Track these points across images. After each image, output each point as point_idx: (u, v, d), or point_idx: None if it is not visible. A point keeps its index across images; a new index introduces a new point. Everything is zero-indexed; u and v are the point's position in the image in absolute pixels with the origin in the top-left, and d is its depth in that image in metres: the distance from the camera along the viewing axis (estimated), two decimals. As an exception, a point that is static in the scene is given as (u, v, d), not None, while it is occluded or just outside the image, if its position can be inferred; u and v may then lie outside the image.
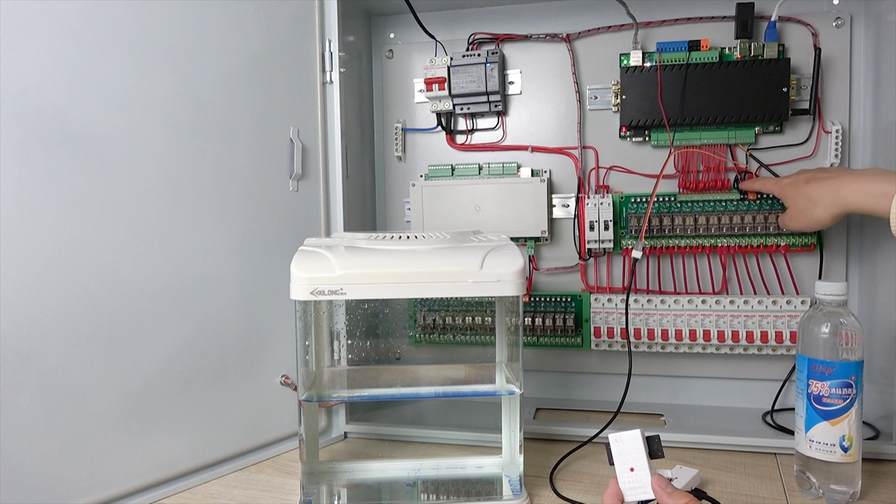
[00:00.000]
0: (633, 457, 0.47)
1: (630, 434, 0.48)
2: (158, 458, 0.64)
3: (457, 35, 0.90)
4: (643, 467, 0.47)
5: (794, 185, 0.73)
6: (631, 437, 0.48)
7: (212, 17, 0.67)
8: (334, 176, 0.80)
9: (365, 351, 0.77)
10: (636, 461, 0.47)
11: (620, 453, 0.48)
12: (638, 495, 0.46)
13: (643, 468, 0.47)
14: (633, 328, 0.83)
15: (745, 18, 0.79)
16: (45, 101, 0.55)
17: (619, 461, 0.48)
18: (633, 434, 0.48)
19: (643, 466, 0.47)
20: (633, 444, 0.47)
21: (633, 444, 0.47)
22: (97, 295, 0.59)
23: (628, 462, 0.47)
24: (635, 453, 0.47)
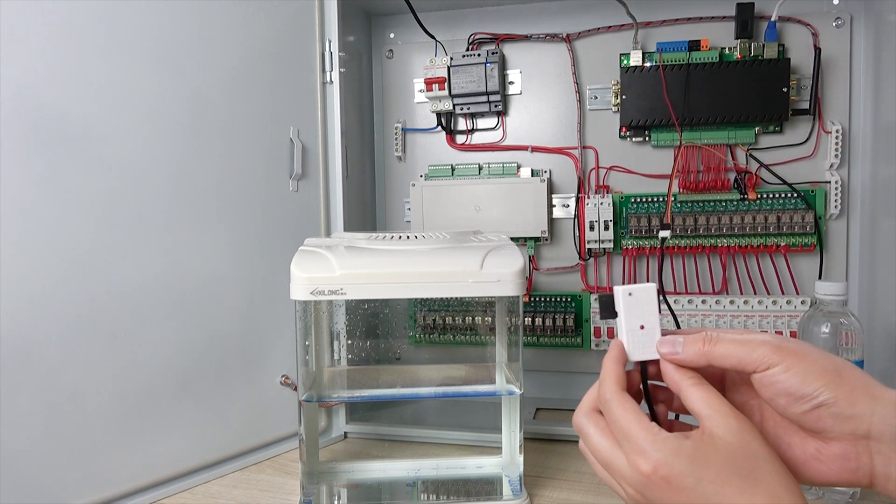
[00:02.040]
0: (646, 313, 0.43)
1: (643, 287, 0.43)
2: (158, 458, 0.64)
3: (457, 35, 0.90)
4: (654, 325, 0.42)
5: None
6: (644, 290, 0.43)
7: (212, 17, 0.67)
8: (334, 176, 0.80)
9: (365, 351, 0.77)
10: (648, 318, 0.42)
11: (630, 308, 0.43)
12: (646, 355, 0.42)
13: (654, 326, 0.42)
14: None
15: (745, 18, 0.80)
16: (45, 101, 0.55)
17: (627, 317, 0.43)
18: (647, 287, 0.43)
19: (654, 324, 0.43)
20: (646, 298, 0.43)
21: (647, 298, 0.43)
22: (97, 295, 0.59)
23: (639, 318, 0.43)
24: (648, 308, 0.43)
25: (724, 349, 0.40)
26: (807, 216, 0.79)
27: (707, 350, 0.40)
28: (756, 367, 0.38)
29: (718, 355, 0.40)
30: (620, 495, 0.41)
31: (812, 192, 0.80)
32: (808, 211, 0.80)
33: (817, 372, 0.37)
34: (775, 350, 0.38)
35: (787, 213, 0.80)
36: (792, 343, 0.39)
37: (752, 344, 0.39)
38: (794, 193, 0.80)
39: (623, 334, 0.43)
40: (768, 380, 0.38)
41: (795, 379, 0.37)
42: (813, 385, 0.37)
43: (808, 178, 0.81)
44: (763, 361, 0.38)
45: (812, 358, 0.37)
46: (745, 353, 0.39)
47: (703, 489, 0.36)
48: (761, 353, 0.38)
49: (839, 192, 0.80)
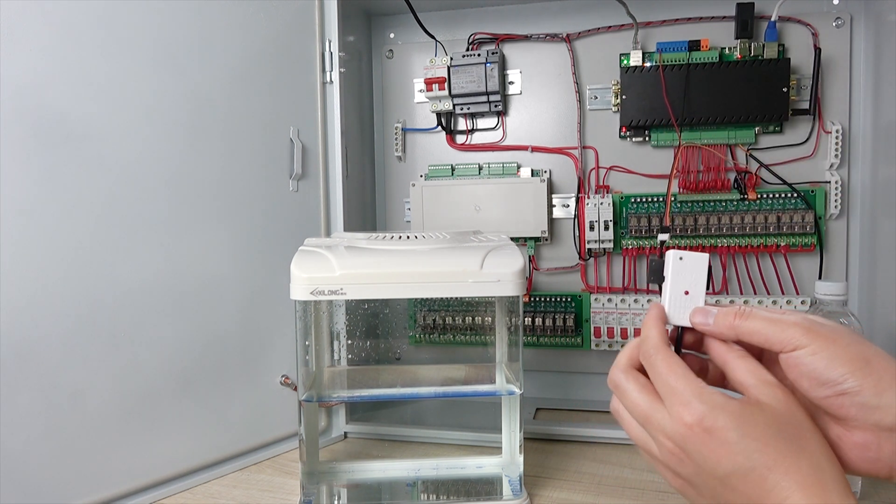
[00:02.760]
0: (693, 280, 0.43)
1: (696, 255, 0.44)
2: (158, 458, 0.64)
3: (457, 35, 0.90)
4: (699, 293, 0.43)
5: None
6: (697, 258, 0.44)
7: (212, 17, 0.67)
8: (334, 176, 0.80)
9: (365, 351, 0.77)
10: (694, 285, 0.43)
11: (678, 273, 0.44)
12: (685, 320, 0.43)
13: (699, 294, 0.43)
14: (632, 328, 0.83)
15: (745, 18, 0.80)
16: (45, 101, 0.55)
17: (675, 280, 0.44)
18: (700, 256, 0.44)
19: (699, 292, 0.43)
20: (697, 266, 0.43)
21: (698, 266, 0.43)
22: (97, 295, 0.59)
23: (685, 284, 0.43)
24: (696, 277, 0.43)
25: (753, 325, 0.39)
26: (807, 216, 0.79)
27: (737, 324, 0.40)
28: (783, 347, 0.38)
29: (747, 330, 0.40)
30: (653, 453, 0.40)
31: (812, 192, 0.80)
32: (808, 211, 0.80)
33: (845, 358, 0.36)
34: (805, 332, 0.37)
35: (787, 213, 0.80)
36: (825, 326, 0.38)
37: (782, 323, 0.38)
38: (794, 193, 0.80)
39: (667, 296, 0.44)
40: (793, 361, 0.38)
41: (821, 363, 0.36)
42: (839, 371, 0.36)
43: (808, 178, 0.81)
44: (790, 342, 0.38)
45: (843, 343, 0.37)
46: (774, 332, 0.38)
47: (745, 445, 0.35)
48: (791, 334, 0.38)
49: (839, 192, 0.80)
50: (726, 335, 0.41)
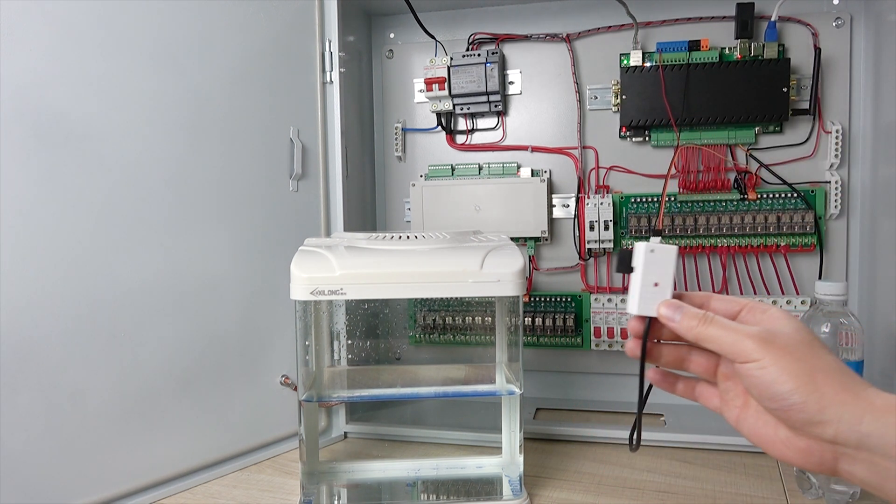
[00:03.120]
0: (662, 272, 0.44)
1: (667, 248, 0.45)
2: (158, 458, 0.64)
3: (457, 35, 0.90)
4: (668, 285, 0.44)
5: None
6: (667, 251, 0.45)
7: (212, 17, 0.67)
8: (334, 176, 0.80)
9: (365, 351, 0.77)
10: (663, 278, 0.44)
11: (649, 265, 0.45)
12: (652, 311, 0.44)
13: (667, 286, 0.44)
14: (633, 328, 0.83)
15: (745, 18, 0.80)
16: (45, 101, 0.55)
17: (646, 272, 0.45)
18: (670, 249, 0.45)
19: (668, 285, 0.44)
20: (667, 258, 0.45)
21: (668, 259, 0.45)
22: (97, 295, 0.59)
23: (655, 276, 0.44)
24: (666, 269, 0.44)
25: (712, 332, 0.41)
26: (807, 216, 0.79)
27: (699, 330, 0.42)
28: (736, 358, 0.40)
29: (707, 336, 0.41)
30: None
31: (812, 192, 0.80)
32: (808, 211, 0.80)
33: (793, 373, 0.38)
34: (759, 344, 0.39)
35: (787, 213, 0.80)
36: (780, 338, 0.39)
37: (739, 334, 0.40)
38: (794, 193, 0.80)
39: (637, 287, 0.45)
40: (745, 372, 0.39)
41: (769, 377, 0.38)
42: (786, 386, 0.38)
43: (808, 178, 0.81)
44: (744, 354, 0.39)
45: (793, 357, 0.38)
46: (731, 343, 0.40)
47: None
48: (745, 346, 0.39)
49: (839, 192, 0.80)
50: (688, 337, 0.42)
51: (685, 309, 0.43)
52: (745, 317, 0.44)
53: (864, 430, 0.36)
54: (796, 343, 0.39)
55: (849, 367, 0.39)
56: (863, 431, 0.36)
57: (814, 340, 0.40)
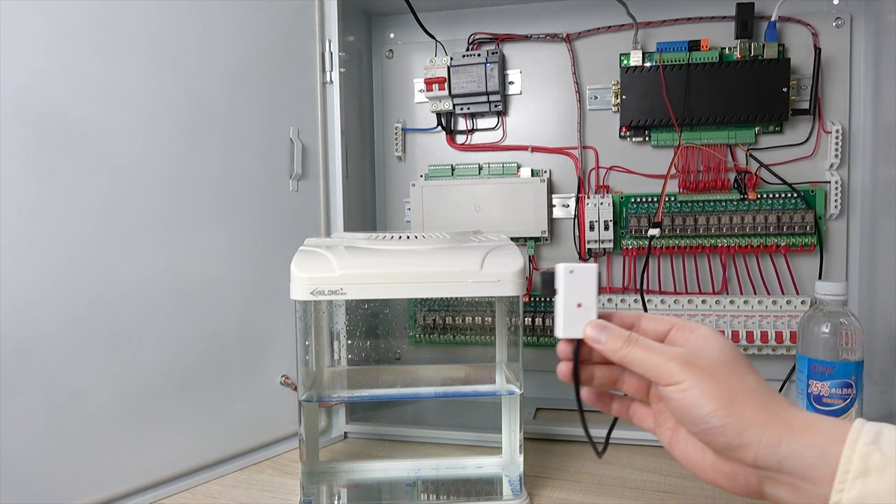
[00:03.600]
0: (585, 292, 0.44)
1: (585, 267, 0.44)
2: (158, 458, 0.64)
3: (457, 35, 0.90)
4: (591, 305, 0.44)
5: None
6: (586, 270, 0.44)
7: (212, 17, 0.67)
8: (334, 176, 0.80)
9: (365, 351, 0.77)
10: (586, 298, 0.44)
11: (570, 286, 0.44)
12: (578, 333, 0.44)
13: (591, 306, 0.44)
14: (633, 328, 0.83)
15: (745, 18, 0.80)
16: (45, 101, 0.55)
17: (566, 293, 0.44)
18: (589, 268, 0.44)
19: (592, 305, 0.44)
20: (587, 278, 0.44)
21: (588, 278, 0.44)
22: (97, 295, 0.59)
23: (577, 297, 0.44)
24: (588, 289, 0.44)
25: (637, 354, 0.41)
26: (807, 216, 0.79)
27: (624, 352, 0.41)
28: (660, 380, 0.39)
29: (632, 359, 0.41)
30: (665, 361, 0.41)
31: (812, 192, 0.80)
32: (808, 211, 0.80)
33: (713, 395, 0.37)
34: (682, 366, 0.38)
35: (787, 213, 0.80)
36: (703, 359, 0.39)
37: (662, 356, 0.40)
38: (794, 193, 0.80)
39: (560, 310, 0.44)
40: (667, 395, 0.39)
41: (689, 401, 0.38)
42: (705, 409, 0.37)
43: (808, 178, 0.81)
44: (666, 376, 0.39)
45: (714, 379, 0.38)
46: (655, 365, 0.40)
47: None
48: (668, 368, 0.39)
49: (839, 192, 0.80)
50: (613, 358, 0.42)
51: (611, 330, 0.43)
52: (673, 336, 0.43)
53: (783, 453, 0.35)
54: (718, 364, 0.39)
55: (771, 387, 0.39)
56: (782, 454, 0.35)
57: (737, 361, 0.40)
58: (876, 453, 0.33)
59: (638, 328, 0.45)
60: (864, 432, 0.35)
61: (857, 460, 0.34)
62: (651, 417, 0.46)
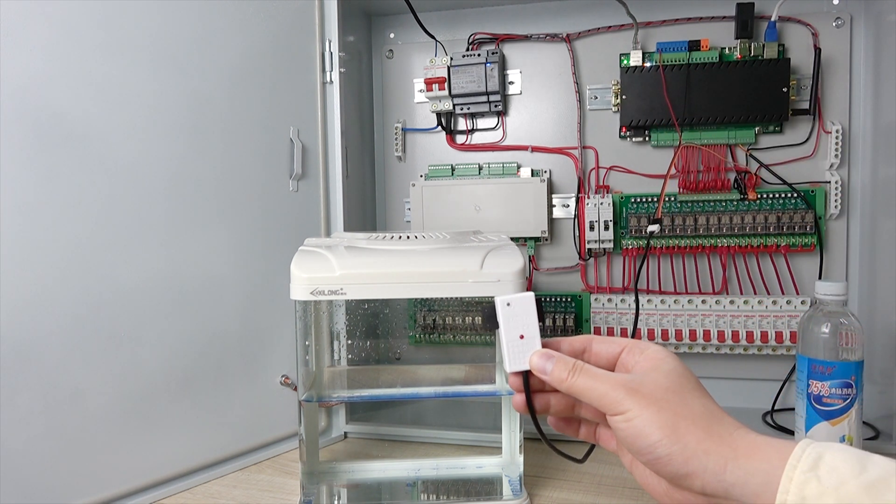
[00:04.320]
0: (525, 322, 0.43)
1: (522, 297, 0.43)
2: (158, 458, 0.64)
3: (457, 35, 0.90)
4: (534, 335, 0.43)
5: None
6: (523, 300, 0.43)
7: (212, 17, 0.67)
8: (334, 176, 0.80)
9: (365, 351, 0.77)
10: (527, 328, 0.43)
11: (509, 318, 0.43)
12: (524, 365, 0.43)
13: (534, 335, 0.43)
14: (632, 328, 0.83)
15: (745, 18, 0.80)
16: (45, 101, 0.55)
17: (507, 326, 0.43)
18: (525, 297, 0.43)
19: (534, 335, 0.43)
20: (525, 307, 0.43)
21: (526, 307, 0.43)
22: (97, 295, 0.59)
23: (518, 328, 0.43)
24: (527, 318, 0.43)
25: (584, 383, 0.40)
26: (807, 216, 0.79)
27: (570, 382, 0.40)
28: (607, 410, 0.38)
29: (579, 389, 0.40)
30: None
31: (812, 192, 0.80)
32: (808, 211, 0.80)
33: (656, 425, 0.36)
34: (627, 394, 0.38)
35: (787, 213, 0.80)
36: (647, 385, 0.38)
37: (609, 383, 0.39)
38: (794, 193, 0.80)
39: (504, 344, 0.43)
40: (614, 424, 0.38)
41: (634, 430, 0.37)
42: (650, 439, 0.36)
43: (808, 178, 0.81)
44: (613, 405, 0.38)
45: (658, 406, 0.37)
46: (600, 394, 0.39)
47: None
48: (614, 397, 0.38)
49: (839, 192, 0.80)
50: (560, 388, 0.41)
51: (556, 359, 0.42)
52: (624, 358, 0.43)
53: (729, 480, 0.34)
54: (663, 390, 0.38)
55: (719, 409, 0.38)
56: (728, 481, 0.35)
57: (684, 384, 0.39)
58: (813, 482, 0.32)
59: (589, 352, 0.44)
60: (804, 457, 0.33)
61: (794, 489, 0.32)
62: (614, 440, 0.45)
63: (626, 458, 0.43)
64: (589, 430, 0.48)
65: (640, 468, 0.41)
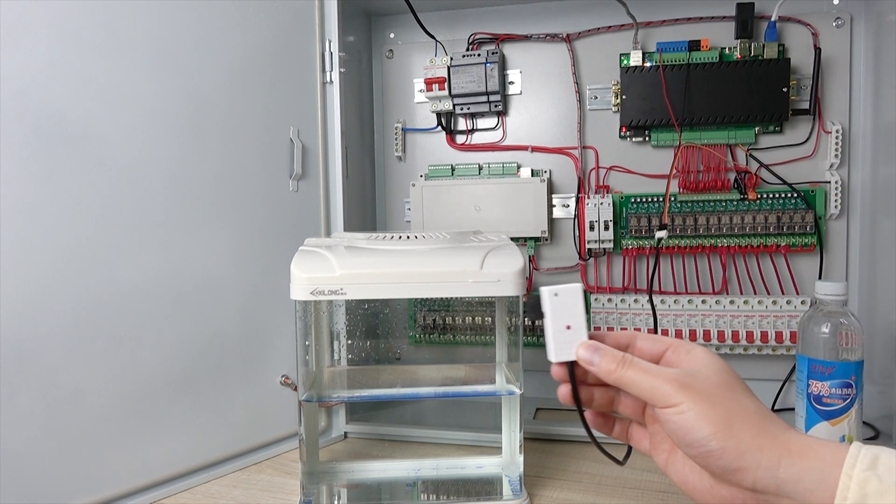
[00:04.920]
0: (572, 313, 0.44)
1: (569, 288, 0.44)
2: (158, 458, 0.64)
3: (457, 35, 0.90)
4: (580, 326, 0.44)
5: None
6: (570, 291, 0.44)
7: (212, 17, 0.67)
8: (334, 176, 0.80)
9: (365, 351, 0.77)
10: (574, 318, 0.44)
11: (556, 308, 0.44)
12: (571, 355, 0.43)
13: (580, 326, 0.44)
14: (632, 328, 0.83)
15: (745, 18, 0.80)
16: (45, 101, 0.55)
17: (553, 317, 0.44)
18: (573, 288, 0.44)
19: (581, 325, 0.44)
20: (572, 299, 0.44)
21: (573, 299, 0.44)
22: (97, 295, 0.59)
23: (565, 319, 0.44)
24: (575, 309, 0.44)
25: (633, 376, 0.40)
26: (807, 216, 0.79)
27: (619, 374, 0.41)
28: (656, 402, 0.39)
29: (627, 381, 0.41)
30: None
31: (812, 192, 0.80)
32: (808, 211, 0.80)
33: (711, 418, 0.37)
34: (678, 388, 0.38)
35: (787, 213, 0.80)
36: (700, 381, 0.39)
37: (659, 378, 0.39)
38: (794, 193, 0.80)
39: (549, 334, 0.44)
40: (664, 417, 0.39)
41: (687, 423, 0.37)
42: (703, 432, 0.37)
43: (808, 178, 0.81)
44: (663, 398, 0.39)
45: (711, 402, 0.38)
46: (651, 387, 0.39)
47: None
48: (665, 390, 0.39)
49: (839, 192, 0.80)
50: (607, 380, 0.42)
51: (604, 351, 0.42)
52: (669, 357, 0.43)
53: (782, 477, 0.35)
54: (715, 386, 0.38)
55: (768, 409, 0.39)
56: (780, 478, 0.35)
57: (734, 383, 0.39)
58: (873, 479, 0.33)
59: (633, 348, 0.44)
60: (860, 457, 0.34)
61: (855, 486, 0.33)
62: (647, 439, 0.45)
63: (661, 457, 0.43)
64: (622, 428, 0.48)
65: (679, 466, 0.42)
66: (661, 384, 0.39)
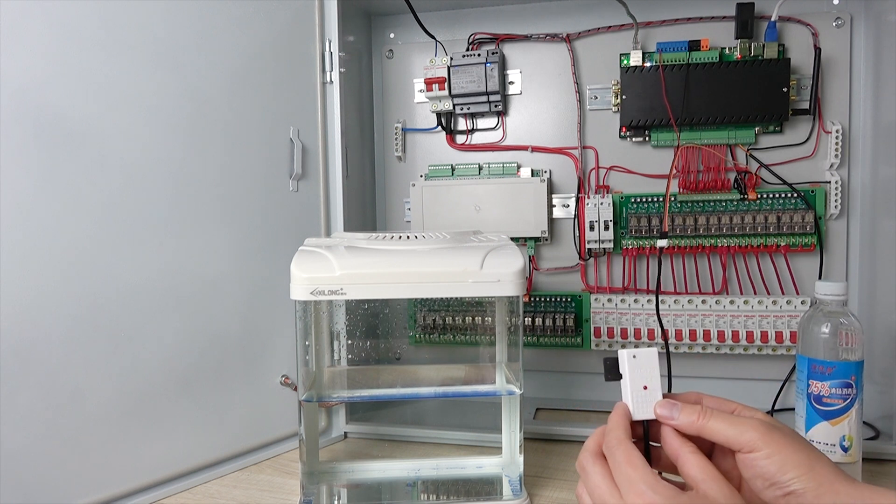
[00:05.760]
0: (649, 375, 0.47)
1: (647, 352, 0.47)
2: (158, 458, 0.64)
3: (457, 35, 0.90)
4: (656, 386, 0.46)
5: None
6: (648, 354, 0.47)
7: (212, 17, 0.67)
8: (334, 176, 0.80)
9: (365, 351, 0.77)
10: (650, 379, 0.46)
11: (634, 369, 0.47)
12: (648, 414, 0.46)
13: (656, 387, 0.46)
14: (632, 328, 0.83)
15: (745, 18, 0.80)
16: (45, 101, 0.55)
17: (632, 377, 0.47)
18: (649, 352, 0.47)
19: (656, 386, 0.46)
20: (649, 361, 0.47)
21: (650, 361, 0.47)
22: (97, 295, 0.59)
23: (642, 380, 0.46)
24: (651, 371, 0.47)
25: (716, 425, 0.43)
26: (807, 216, 0.79)
27: (701, 424, 0.44)
28: (741, 448, 0.42)
29: (710, 430, 0.43)
30: None
31: (812, 192, 0.80)
32: (808, 211, 0.80)
33: (794, 462, 0.40)
34: (762, 436, 0.41)
35: (787, 213, 0.80)
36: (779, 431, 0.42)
37: (742, 426, 0.42)
38: (794, 193, 0.80)
39: (628, 394, 0.47)
40: (750, 462, 0.41)
41: (773, 467, 0.40)
42: (788, 475, 0.40)
43: (808, 178, 0.81)
44: (748, 444, 0.41)
45: (793, 448, 0.41)
46: (735, 434, 0.42)
47: None
48: (749, 437, 0.42)
49: (839, 192, 0.80)
50: (689, 431, 0.44)
51: (682, 406, 0.45)
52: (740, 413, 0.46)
53: None
54: (792, 436, 0.42)
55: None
56: None
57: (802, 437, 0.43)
58: None
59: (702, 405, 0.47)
60: None
61: None
62: None
63: None
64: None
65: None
66: (745, 431, 0.42)
